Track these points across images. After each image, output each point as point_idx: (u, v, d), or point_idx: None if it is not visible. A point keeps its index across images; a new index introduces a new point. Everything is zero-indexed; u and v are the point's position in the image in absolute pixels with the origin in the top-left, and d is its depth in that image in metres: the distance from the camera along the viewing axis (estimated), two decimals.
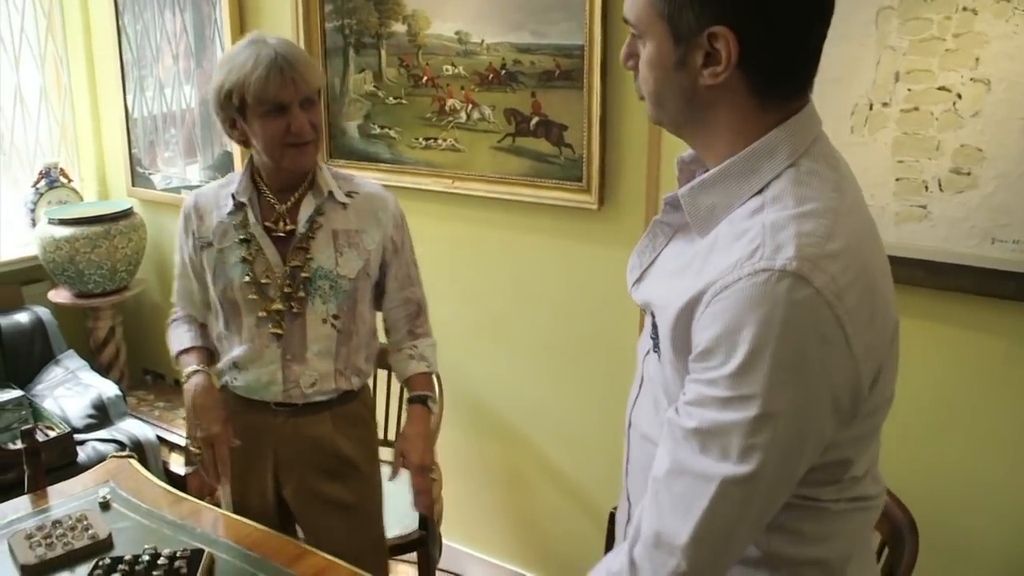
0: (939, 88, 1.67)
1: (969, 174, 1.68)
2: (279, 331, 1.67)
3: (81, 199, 3.23)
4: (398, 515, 2.22)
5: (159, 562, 1.44)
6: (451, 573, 2.68)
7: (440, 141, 2.34)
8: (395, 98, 2.39)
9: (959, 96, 1.65)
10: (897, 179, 1.76)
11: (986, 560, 1.83)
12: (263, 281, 1.66)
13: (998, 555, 1.82)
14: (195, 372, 1.69)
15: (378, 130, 2.46)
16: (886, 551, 1.59)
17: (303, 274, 1.66)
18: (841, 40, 1.75)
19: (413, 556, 2.25)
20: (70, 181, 3.21)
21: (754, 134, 0.92)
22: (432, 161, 2.37)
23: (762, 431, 0.85)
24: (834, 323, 0.84)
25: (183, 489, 2.53)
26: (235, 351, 1.72)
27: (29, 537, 1.55)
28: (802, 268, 0.84)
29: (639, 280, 1.08)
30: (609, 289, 2.16)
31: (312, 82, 1.60)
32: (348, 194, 1.71)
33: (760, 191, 0.92)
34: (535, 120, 2.16)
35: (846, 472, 0.99)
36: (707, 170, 0.98)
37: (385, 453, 2.50)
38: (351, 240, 1.69)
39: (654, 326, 1.01)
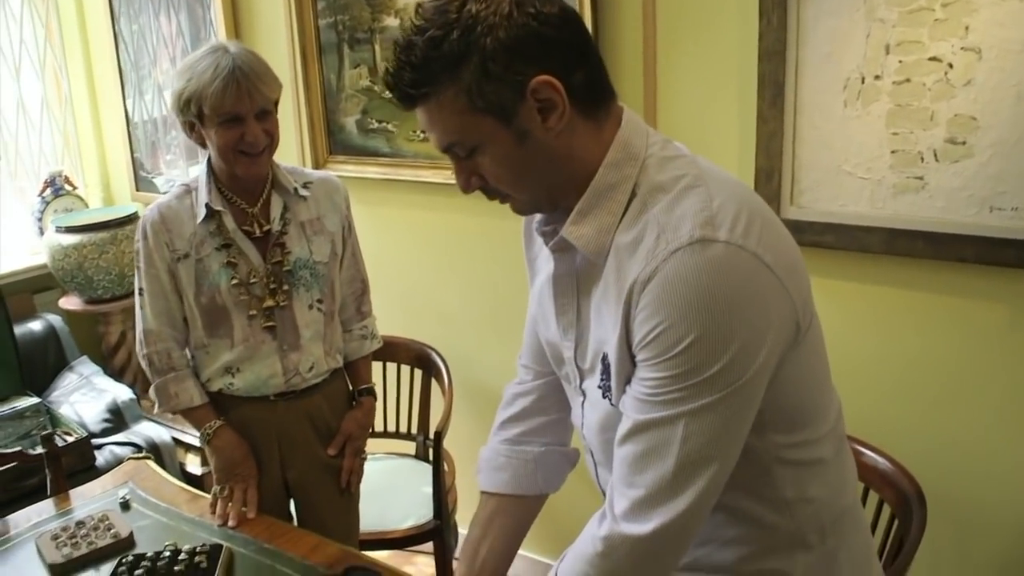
0: (930, 59, 1.68)
1: (964, 143, 1.69)
2: (272, 323, 1.75)
3: (86, 206, 3.25)
4: (414, 506, 2.25)
5: (180, 558, 1.47)
6: None
7: None
8: None
9: (950, 66, 1.66)
10: (892, 151, 1.77)
11: (996, 530, 1.85)
12: (251, 281, 1.73)
13: (1007, 525, 1.83)
14: (220, 427, 1.78)
15: (376, 124, 2.48)
16: (896, 523, 1.61)
17: (285, 268, 1.75)
18: (830, 15, 1.76)
19: (429, 546, 2.28)
20: (75, 188, 3.24)
21: (602, 151, 0.98)
22: (431, 153, 2.39)
23: (719, 379, 0.90)
24: (752, 260, 0.90)
25: (200, 488, 2.58)
26: (226, 355, 1.76)
27: (55, 538, 1.59)
28: (704, 232, 0.90)
29: (580, 340, 1.07)
30: None
31: (268, 95, 1.65)
32: (304, 185, 1.81)
33: (633, 195, 0.97)
34: None
35: (823, 399, 1.07)
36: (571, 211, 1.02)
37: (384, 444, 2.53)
38: (315, 228, 1.80)
39: (605, 369, 1.02)
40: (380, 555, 2.36)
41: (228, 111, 1.60)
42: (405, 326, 2.52)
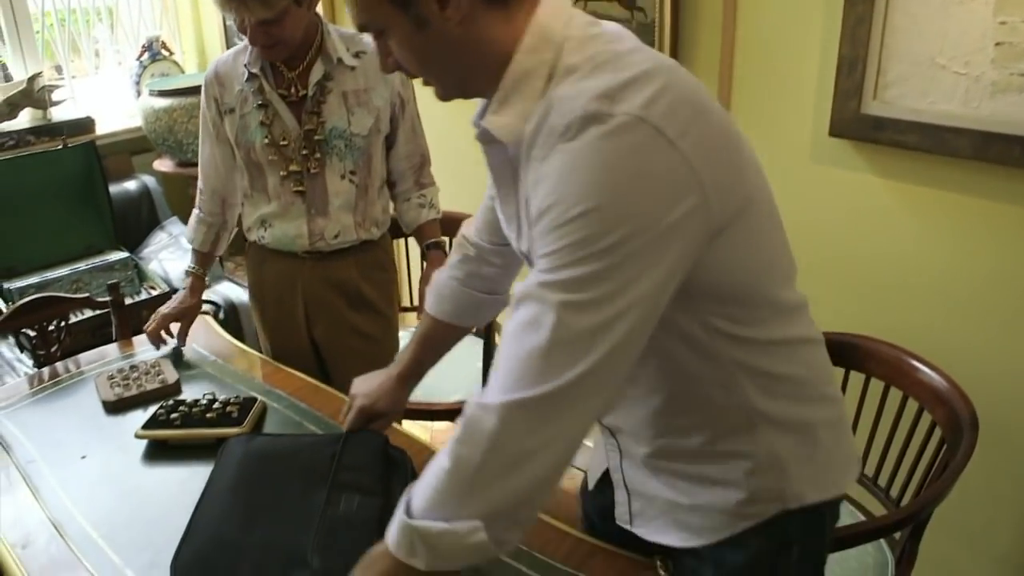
0: None
1: None
2: (301, 188, 1.79)
3: (182, 71, 3.33)
4: (465, 380, 2.29)
5: (214, 406, 1.55)
6: None
7: None
8: None
9: None
10: (997, 44, 1.58)
11: None
12: (281, 143, 1.76)
13: None
14: (193, 273, 1.94)
15: None
16: (944, 447, 1.53)
17: (317, 136, 1.75)
18: None
19: None
20: (171, 54, 3.31)
21: (517, 37, 0.93)
22: None
23: (608, 254, 0.83)
24: (651, 133, 0.83)
25: None
26: (263, 208, 1.83)
27: (111, 378, 1.70)
28: (599, 106, 0.84)
29: (521, 230, 1.03)
30: None
31: (261, 13, 1.57)
32: (356, 55, 1.76)
33: (550, 79, 0.92)
34: None
35: (770, 293, 0.99)
36: None
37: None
38: (360, 99, 1.76)
39: None
40: (429, 425, 2.44)
41: (230, 14, 1.60)
42: (469, 202, 2.50)
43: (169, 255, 2.98)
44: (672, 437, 1.05)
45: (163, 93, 2.99)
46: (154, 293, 2.70)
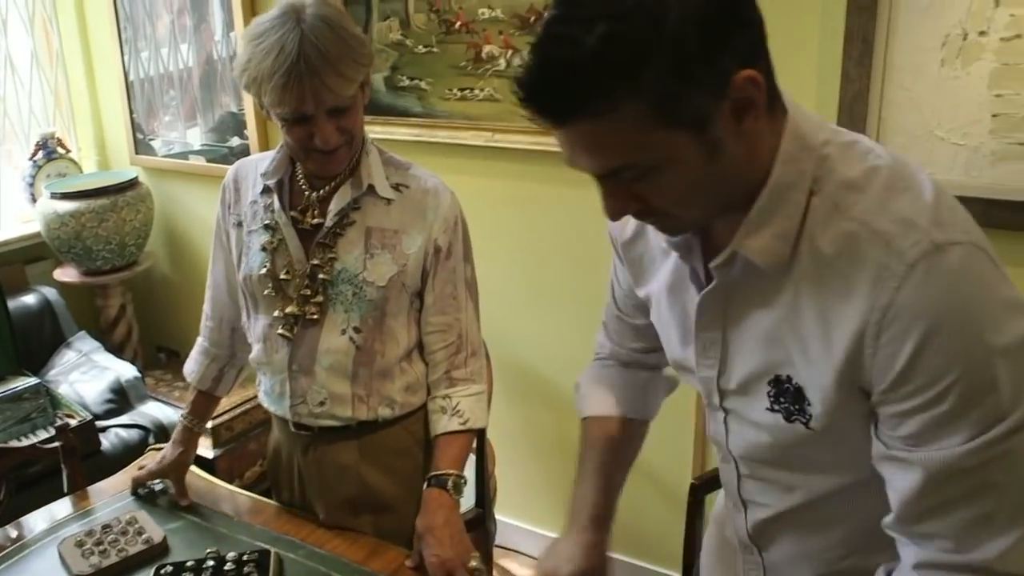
0: None
1: None
2: (288, 335, 1.42)
3: (81, 170, 3.03)
4: None
5: (226, 568, 1.31)
6: (505, 549, 2.57)
7: (476, 91, 2.18)
8: (425, 46, 2.22)
9: None
10: (994, 115, 1.62)
11: None
12: (282, 277, 1.42)
13: None
14: (183, 428, 1.62)
15: (407, 82, 2.28)
16: None
17: (322, 275, 1.40)
18: None
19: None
20: (68, 152, 3.01)
21: (775, 147, 0.81)
22: (468, 113, 2.21)
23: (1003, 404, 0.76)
24: (983, 255, 0.78)
25: (213, 473, 2.41)
26: (255, 347, 1.50)
27: (80, 544, 1.42)
28: (936, 235, 0.75)
29: (726, 362, 0.92)
30: None
31: (342, 89, 1.28)
32: (396, 186, 1.42)
33: (811, 192, 0.81)
34: None
35: None
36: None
37: None
38: (386, 241, 1.41)
39: (783, 392, 0.87)
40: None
41: (292, 111, 1.28)
42: None
43: (81, 375, 2.64)
44: (862, 554, 0.94)
45: (67, 196, 2.70)
46: (73, 423, 2.37)
